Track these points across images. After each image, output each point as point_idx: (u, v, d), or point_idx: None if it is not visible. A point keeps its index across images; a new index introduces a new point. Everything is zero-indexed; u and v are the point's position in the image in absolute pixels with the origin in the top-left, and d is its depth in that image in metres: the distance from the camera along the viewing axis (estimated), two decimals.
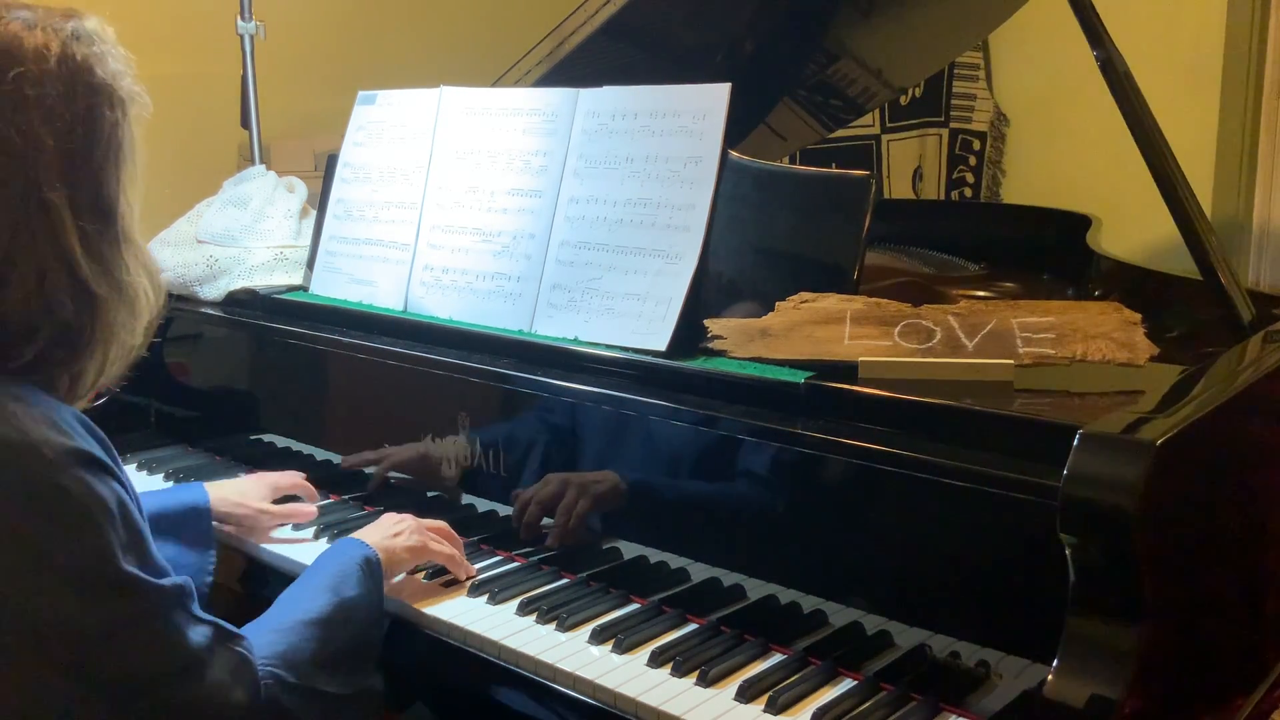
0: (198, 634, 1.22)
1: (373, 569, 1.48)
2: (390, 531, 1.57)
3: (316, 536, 1.76)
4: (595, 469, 1.59)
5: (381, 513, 1.81)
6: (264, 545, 1.75)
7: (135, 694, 1.18)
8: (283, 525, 1.78)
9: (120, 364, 1.28)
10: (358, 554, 1.49)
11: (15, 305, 1.17)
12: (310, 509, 1.81)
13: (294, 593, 1.44)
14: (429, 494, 1.80)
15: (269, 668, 1.29)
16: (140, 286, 1.26)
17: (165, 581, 1.20)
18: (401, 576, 1.60)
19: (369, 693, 1.41)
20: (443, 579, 1.60)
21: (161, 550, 1.26)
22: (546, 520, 1.62)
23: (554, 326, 1.69)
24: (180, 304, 2.18)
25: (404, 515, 1.63)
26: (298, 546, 1.74)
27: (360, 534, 1.57)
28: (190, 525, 1.64)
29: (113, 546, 1.15)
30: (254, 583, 1.76)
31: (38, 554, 1.12)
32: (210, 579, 1.61)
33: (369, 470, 1.89)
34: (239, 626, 1.31)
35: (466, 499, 1.74)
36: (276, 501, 1.81)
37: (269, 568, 1.74)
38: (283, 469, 1.98)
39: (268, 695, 1.27)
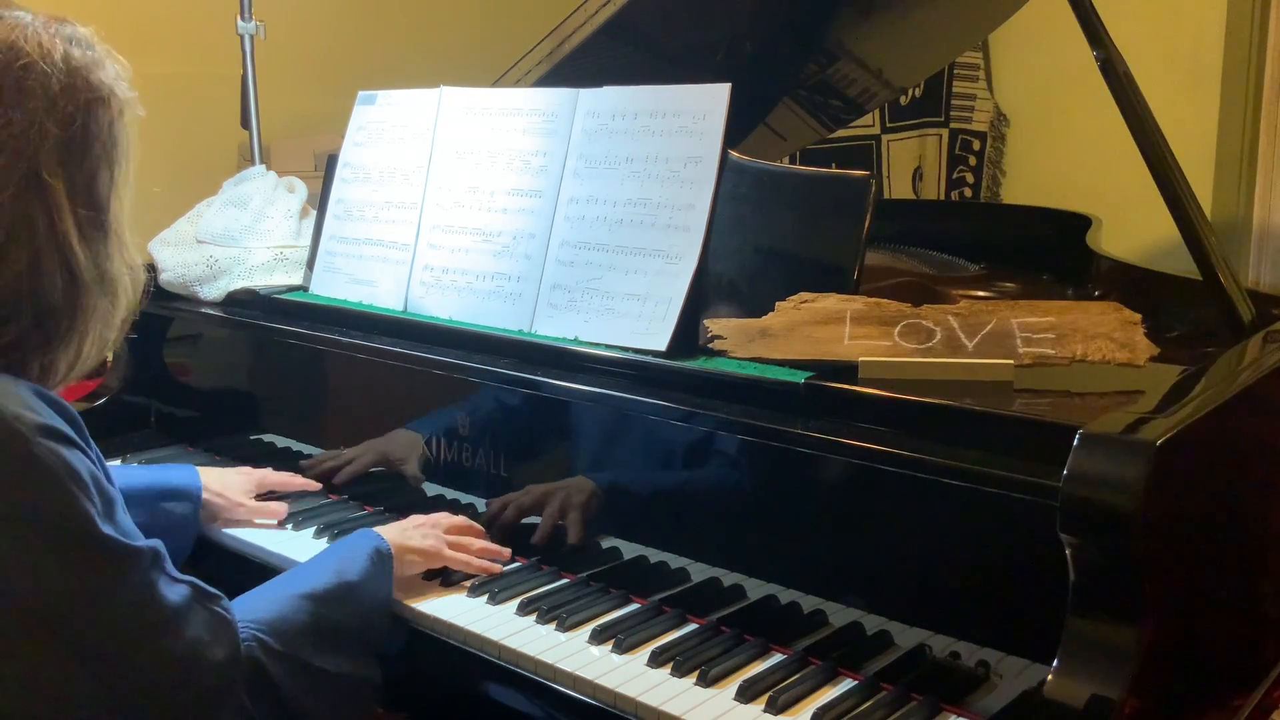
0: (174, 592, 1.25)
1: (382, 559, 1.51)
2: (408, 531, 1.60)
3: (317, 535, 1.76)
4: (594, 469, 1.59)
5: (382, 512, 1.83)
6: (229, 532, 1.79)
7: (115, 655, 1.21)
8: (253, 519, 1.80)
9: (93, 358, 1.31)
10: (369, 543, 1.53)
11: (7, 283, 1.20)
12: (280, 508, 1.82)
13: (298, 570, 1.49)
14: (429, 493, 1.80)
15: (253, 631, 1.32)
16: (122, 282, 1.30)
17: (140, 543, 1.23)
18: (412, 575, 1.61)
19: (364, 680, 1.43)
20: (442, 578, 1.60)
21: (145, 526, 1.30)
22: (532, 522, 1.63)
23: (554, 326, 1.69)
24: (180, 304, 2.18)
25: (428, 517, 1.65)
26: (279, 536, 1.77)
27: (379, 528, 1.59)
28: (177, 505, 1.69)
29: (89, 511, 1.18)
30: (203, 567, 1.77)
31: (17, 521, 1.15)
32: (184, 560, 1.65)
33: (371, 468, 1.89)
34: None
35: (467, 499, 1.74)
36: (262, 497, 1.85)
37: (228, 553, 1.78)
38: (283, 469, 1.98)
39: (248, 656, 1.30)
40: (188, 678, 1.23)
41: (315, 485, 1.90)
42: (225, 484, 1.80)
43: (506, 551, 1.64)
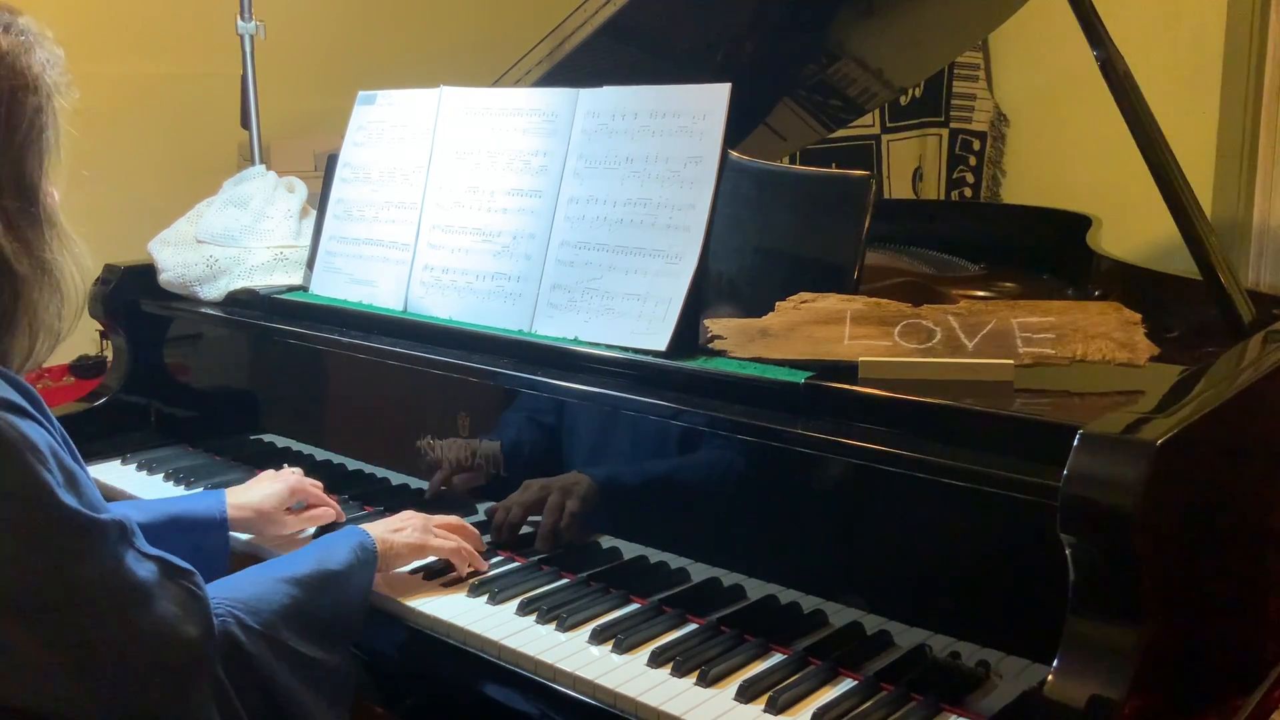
0: (143, 568, 1.23)
1: (365, 553, 1.51)
2: (394, 526, 1.60)
3: (318, 535, 1.75)
4: (594, 469, 1.59)
5: (382, 512, 1.82)
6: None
7: (83, 631, 1.19)
8: (299, 530, 1.76)
9: (47, 349, 1.30)
10: (354, 538, 1.53)
11: None
12: (329, 511, 1.77)
13: (279, 558, 1.49)
14: (429, 494, 1.80)
15: (230, 608, 1.31)
16: (66, 269, 1.29)
17: (104, 516, 1.21)
18: (405, 570, 1.62)
19: (338, 671, 1.42)
20: (443, 578, 1.60)
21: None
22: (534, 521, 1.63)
23: (554, 326, 1.69)
24: (180, 304, 2.18)
25: (413, 513, 1.64)
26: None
27: (366, 525, 1.60)
28: (204, 535, 1.63)
29: (48, 481, 1.16)
30: None
31: None
32: None
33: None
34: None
35: (466, 499, 1.74)
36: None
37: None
38: (283, 469, 1.98)
39: (223, 632, 1.28)
40: (160, 654, 1.22)
41: (335, 504, 1.82)
42: (265, 498, 1.72)
43: (484, 565, 1.64)
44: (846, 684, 1.33)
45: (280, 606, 1.36)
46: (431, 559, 1.63)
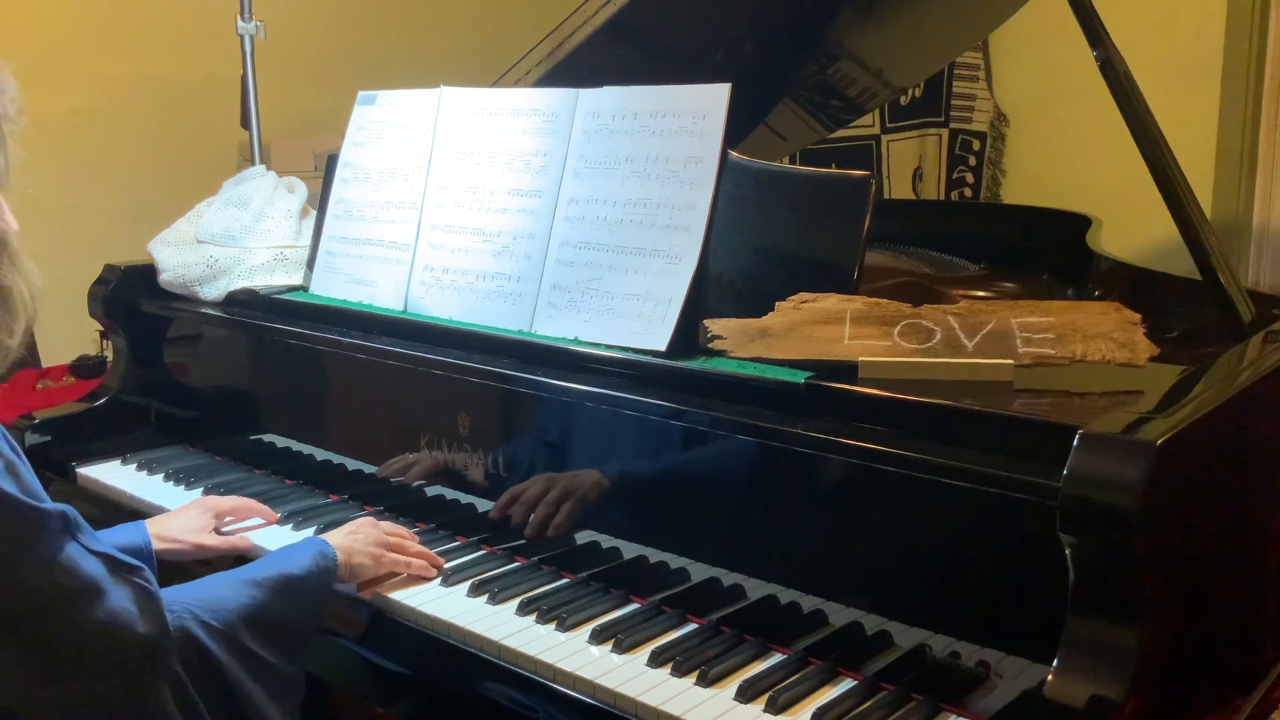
0: (89, 563, 1.24)
1: (326, 560, 1.52)
2: (355, 535, 1.61)
3: (318, 534, 1.75)
4: (594, 469, 1.59)
5: (382, 512, 1.83)
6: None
7: (31, 622, 1.19)
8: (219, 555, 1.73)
9: None
10: (315, 546, 1.54)
11: None
12: (245, 542, 1.75)
13: (245, 564, 1.50)
14: (429, 494, 1.80)
15: (188, 606, 1.32)
16: (15, 287, 1.30)
17: (46, 505, 1.22)
18: (396, 574, 1.62)
19: (290, 678, 1.43)
20: (442, 577, 1.60)
21: None
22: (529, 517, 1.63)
23: (554, 326, 1.69)
24: (180, 304, 2.18)
25: (364, 521, 1.66)
26: (283, 537, 1.73)
27: (326, 534, 1.62)
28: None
29: None
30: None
31: None
32: None
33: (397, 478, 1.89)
34: None
35: (466, 499, 1.75)
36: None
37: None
38: (283, 469, 1.98)
39: (180, 629, 1.29)
40: (114, 651, 1.23)
41: (272, 514, 1.83)
42: (183, 527, 1.71)
43: (441, 562, 1.64)
44: (846, 684, 1.33)
45: (240, 607, 1.37)
46: None
